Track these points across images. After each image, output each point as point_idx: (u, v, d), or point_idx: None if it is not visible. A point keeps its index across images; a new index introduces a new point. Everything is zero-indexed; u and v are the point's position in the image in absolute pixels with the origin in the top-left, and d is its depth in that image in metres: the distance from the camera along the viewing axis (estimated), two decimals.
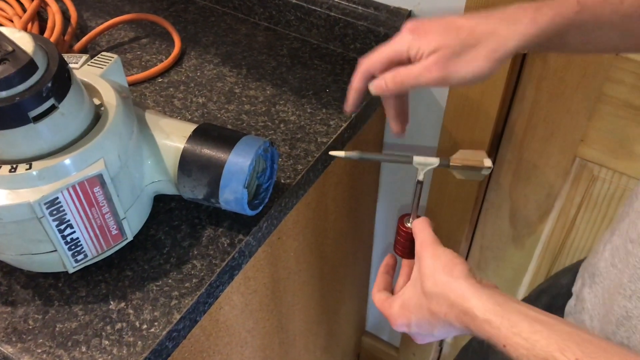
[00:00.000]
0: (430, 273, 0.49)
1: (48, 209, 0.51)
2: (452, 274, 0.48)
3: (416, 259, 0.53)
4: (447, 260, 0.49)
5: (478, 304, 0.44)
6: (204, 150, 0.58)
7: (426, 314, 0.50)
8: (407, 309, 0.52)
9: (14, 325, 0.56)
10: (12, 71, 0.47)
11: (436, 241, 0.53)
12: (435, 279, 0.48)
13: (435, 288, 0.48)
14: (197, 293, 0.58)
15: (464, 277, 0.47)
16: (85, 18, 0.94)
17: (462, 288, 0.46)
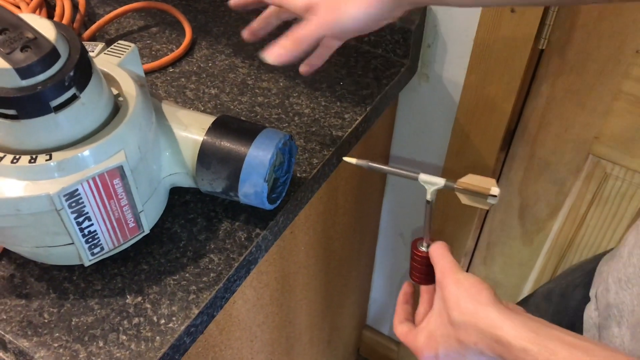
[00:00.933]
0: (455, 301, 0.47)
1: (67, 201, 0.50)
2: (479, 300, 0.45)
3: (438, 287, 0.51)
4: (471, 286, 0.47)
5: (511, 332, 0.42)
6: (224, 143, 0.57)
7: (454, 344, 0.47)
8: (434, 339, 0.49)
9: (29, 319, 0.55)
10: (35, 59, 0.46)
11: (457, 267, 0.50)
12: (461, 307, 0.46)
13: (463, 317, 0.46)
14: (215, 287, 0.57)
15: (492, 304, 0.45)
16: (93, 5, 0.92)
17: (492, 315, 0.44)
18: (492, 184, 0.51)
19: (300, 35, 0.51)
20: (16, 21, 0.48)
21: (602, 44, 0.72)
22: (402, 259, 1.21)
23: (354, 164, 0.57)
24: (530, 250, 1.00)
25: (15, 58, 0.46)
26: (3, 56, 0.46)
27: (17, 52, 0.46)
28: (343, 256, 1.01)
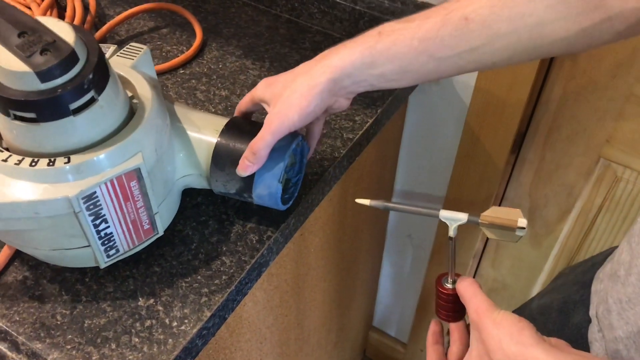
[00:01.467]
0: (496, 344, 0.45)
1: (85, 204, 0.50)
2: (522, 342, 0.44)
3: (474, 328, 0.49)
4: (511, 326, 0.45)
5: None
6: (238, 144, 0.58)
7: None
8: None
9: (42, 321, 0.55)
10: (54, 62, 0.46)
11: (492, 306, 0.48)
12: (505, 350, 0.44)
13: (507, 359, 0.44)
14: (227, 290, 0.57)
15: (536, 344, 0.43)
16: (103, 6, 0.92)
17: (539, 356, 0.42)
18: (518, 215, 0.49)
19: (256, 147, 0.56)
20: (35, 24, 0.48)
21: (613, 48, 0.72)
22: (409, 261, 1.21)
23: (368, 205, 0.55)
24: (539, 253, 1.00)
25: (35, 61, 0.46)
26: (23, 59, 0.46)
27: (36, 55, 0.46)
28: (351, 258, 1.01)
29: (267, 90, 0.58)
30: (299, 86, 0.55)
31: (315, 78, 0.54)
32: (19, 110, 0.48)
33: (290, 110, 0.55)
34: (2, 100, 0.48)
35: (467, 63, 0.52)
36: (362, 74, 0.54)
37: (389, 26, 0.53)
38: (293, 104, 0.55)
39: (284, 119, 0.55)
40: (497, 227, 0.49)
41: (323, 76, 0.54)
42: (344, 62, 0.53)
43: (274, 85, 0.58)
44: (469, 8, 0.50)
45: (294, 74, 0.56)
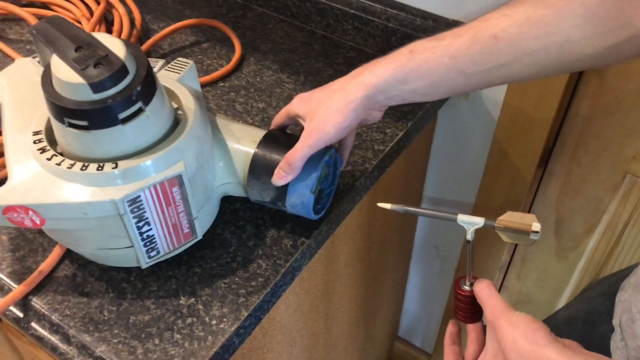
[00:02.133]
0: (511, 344, 0.47)
1: (130, 207, 0.54)
2: (536, 342, 0.45)
3: (490, 328, 0.51)
4: (526, 326, 0.47)
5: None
6: (274, 155, 0.61)
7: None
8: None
9: (90, 316, 0.59)
10: (106, 75, 0.50)
11: (507, 306, 0.50)
12: (519, 349, 0.46)
13: (521, 359, 0.46)
14: (263, 292, 0.60)
15: (549, 343, 0.45)
16: (148, 21, 0.97)
17: (551, 356, 0.44)
18: (533, 219, 0.51)
19: (292, 159, 0.59)
20: (90, 40, 0.52)
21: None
22: (436, 272, 1.22)
23: (389, 209, 0.59)
24: (565, 266, 1.01)
25: (89, 74, 0.50)
26: (78, 72, 0.50)
27: (90, 68, 0.50)
28: (379, 267, 1.03)
29: (302, 106, 0.61)
30: (335, 102, 0.58)
31: (351, 94, 0.57)
32: (72, 118, 0.52)
33: (327, 125, 0.58)
34: (58, 108, 0.52)
35: (496, 78, 0.55)
36: (395, 90, 0.57)
37: (420, 44, 0.56)
38: (330, 119, 0.58)
39: (320, 133, 0.58)
40: (512, 230, 0.51)
41: (358, 92, 0.57)
42: (377, 79, 0.56)
43: (309, 102, 0.61)
44: (498, 27, 0.52)
45: (329, 91, 0.59)
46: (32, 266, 0.63)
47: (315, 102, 0.60)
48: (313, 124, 0.59)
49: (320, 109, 0.59)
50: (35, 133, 0.56)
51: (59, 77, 0.50)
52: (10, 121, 0.59)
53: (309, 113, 0.60)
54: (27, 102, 0.61)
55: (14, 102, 0.61)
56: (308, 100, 0.61)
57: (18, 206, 0.53)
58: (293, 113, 0.63)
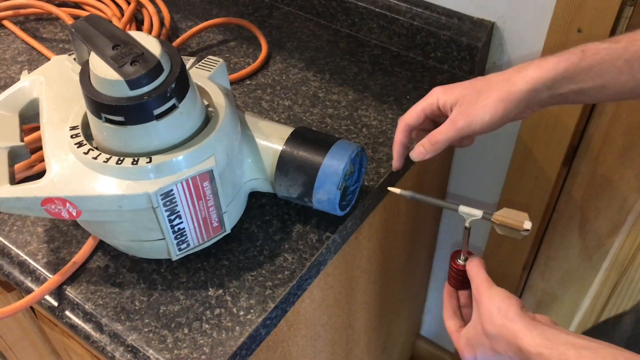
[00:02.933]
0: (488, 316, 0.54)
1: (163, 200, 0.55)
2: (507, 316, 0.53)
3: (474, 301, 0.58)
4: (501, 301, 0.54)
5: (530, 341, 0.50)
6: (301, 152, 0.62)
7: (489, 352, 0.55)
8: (472, 346, 0.58)
9: (122, 305, 0.61)
10: (142, 72, 0.52)
11: (490, 283, 0.58)
12: (493, 321, 0.54)
13: (494, 330, 0.53)
14: (289, 284, 0.62)
15: (518, 317, 0.52)
16: (176, 20, 0.99)
17: (516, 328, 0.51)
18: (525, 218, 0.57)
19: (435, 139, 0.60)
20: (127, 38, 0.54)
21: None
22: None
23: (399, 194, 0.64)
24: (590, 265, 1.01)
25: (126, 71, 0.52)
26: (115, 69, 0.52)
27: (127, 65, 0.52)
28: (401, 265, 1.04)
29: (450, 93, 0.60)
30: (498, 91, 0.57)
31: (517, 85, 0.56)
32: (109, 114, 0.54)
33: (484, 111, 0.57)
34: (95, 104, 0.54)
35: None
36: (561, 88, 0.56)
37: (592, 46, 0.55)
38: (488, 105, 0.57)
39: (474, 117, 0.57)
40: (505, 226, 0.58)
41: (525, 85, 0.56)
42: (547, 73, 0.55)
43: (457, 90, 0.60)
44: None
45: (487, 80, 0.58)
46: (66, 257, 0.65)
47: (470, 89, 0.58)
48: (466, 108, 0.58)
49: (479, 96, 0.57)
50: (72, 128, 0.59)
51: (96, 74, 0.52)
52: (48, 116, 0.61)
53: (462, 98, 0.59)
54: (64, 97, 0.63)
55: (52, 98, 0.63)
56: (454, 89, 0.60)
57: (56, 198, 0.55)
58: (441, 103, 0.61)
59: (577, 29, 0.75)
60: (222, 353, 0.56)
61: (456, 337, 0.62)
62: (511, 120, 0.59)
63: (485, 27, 0.83)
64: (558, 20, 0.76)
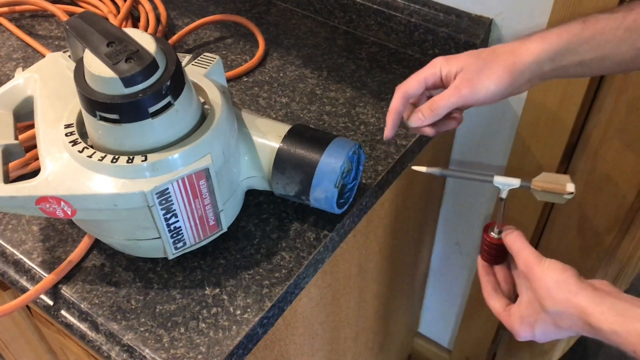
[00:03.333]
0: (546, 292, 0.51)
1: (158, 199, 0.55)
2: (569, 289, 0.50)
3: (524, 277, 0.55)
4: (558, 274, 0.51)
5: (602, 317, 0.48)
6: (298, 150, 0.62)
7: (551, 327, 0.53)
8: (529, 324, 0.54)
9: (118, 304, 0.60)
10: (137, 70, 0.51)
11: (539, 257, 0.54)
12: (554, 297, 0.51)
13: (556, 306, 0.51)
14: (286, 283, 0.61)
15: (581, 289, 0.49)
16: (173, 17, 0.98)
17: (583, 303, 0.49)
18: (567, 180, 0.55)
19: (436, 105, 0.58)
20: (121, 35, 0.53)
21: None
22: (457, 268, 1.22)
23: (425, 172, 0.61)
24: (588, 263, 1.01)
25: (121, 68, 0.51)
26: (110, 66, 0.51)
27: (122, 63, 0.52)
28: (399, 262, 1.04)
29: (452, 62, 0.59)
30: (504, 61, 0.56)
31: (522, 56, 0.56)
32: (104, 112, 0.53)
33: (489, 79, 0.56)
34: (90, 102, 0.53)
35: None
36: (564, 60, 0.56)
37: (592, 17, 0.55)
38: (495, 74, 0.56)
39: (478, 86, 0.56)
40: (547, 191, 0.55)
41: (530, 57, 0.56)
42: (550, 45, 0.55)
43: (460, 60, 0.58)
44: None
45: (493, 51, 0.58)
46: (61, 256, 0.64)
47: (476, 58, 0.58)
48: (471, 75, 0.57)
49: (485, 65, 0.57)
50: (67, 126, 0.58)
51: (91, 71, 0.52)
52: (43, 114, 0.61)
53: (467, 67, 0.57)
54: (59, 95, 0.62)
55: (46, 96, 0.63)
56: (458, 58, 0.59)
57: (50, 197, 0.54)
58: (437, 73, 0.59)
59: None
60: (219, 352, 0.56)
61: (505, 317, 0.58)
62: (513, 92, 0.58)
63: (484, 24, 0.82)
64: (556, 17, 0.75)
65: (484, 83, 0.56)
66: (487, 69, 0.57)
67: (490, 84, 0.56)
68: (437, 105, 0.58)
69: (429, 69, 0.60)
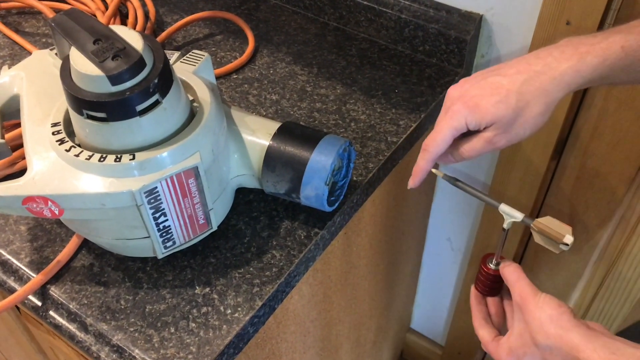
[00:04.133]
0: (539, 326, 0.51)
1: (147, 198, 0.54)
2: (562, 325, 0.50)
3: (518, 309, 0.55)
4: (552, 310, 0.51)
5: (593, 354, 0.47)
6: (288, 147, 0.61)
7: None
8: (517, 356, 0.54)
9: (107, 305, 0.60)
10: (124, 67, 0.51)
11: (535, 290, 0.54)
12: (546, 332, 0.50)
13: (548, 341, 0.50)
14: (277, 282, 0.61)
15: (574, 327, 0.49)
16: (161, 14, 0.98)
17: (575, 340, 0.49)
18: (568, 231, 0.54)
19: (468, 154, 0.58)
20: (108, 32, 0.53)
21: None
22: (448, 264, 1.23)
23: (442, 177, 0.62)
24: (578, 259, 1.01)
25: (107, 66, 0.51)
26: (97, 64, 0.51)
27: (108, 60, 0.51)
28: (391, 259, 1.04)
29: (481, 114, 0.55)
30: (537, 106, 0.54)
31: (553, 94, 0.54)
32: (91, 110, 0.52)
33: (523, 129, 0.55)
34: (76, 100, 0.52)
35: None
36: (595, 83, 0.54)
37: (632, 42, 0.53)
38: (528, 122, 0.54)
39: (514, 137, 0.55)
40: (545, 235, 0.54)
41: (561, 92, 0.54)
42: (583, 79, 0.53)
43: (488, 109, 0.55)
44: None
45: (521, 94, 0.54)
46: (50, 256, 0.64)
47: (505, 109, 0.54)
48: (505, 129, 0.55)
49: (517, 115, 0.54)
50: (54, 124, 0.57)
51: (77, 69, 0.51)
52: (29, 113, 0.60)
53: (499, 121, 0.55)
54: (45, 93, 0.62)
55: (33, 94, 0.62)
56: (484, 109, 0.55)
57: (37, 196, 0.54)
58: (463, 127, 0.56)
59: (566, 21, 0.75)
60: (210, 352, 0.56)
61: (493, 347, 0.59)
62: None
63: (474, 20, 0.82)
64: (547, 13, 0.75)
65: (519, 133, 0.55)
66: (520, 119, 0.54)
67: (525, 132, 0.55)
68: (468, 154, 0.57)
69: (451, 124, 0.57)
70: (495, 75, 0.56)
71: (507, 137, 0.55)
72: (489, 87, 0.56)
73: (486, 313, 0.63)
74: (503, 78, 0.55)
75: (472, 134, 0.58)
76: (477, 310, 0.63)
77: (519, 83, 0.54)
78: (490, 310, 0.63)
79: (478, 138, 0.57)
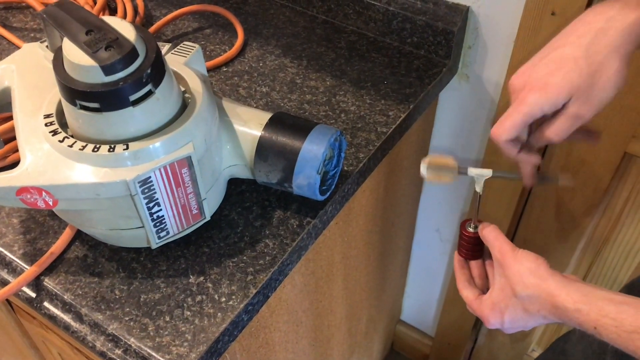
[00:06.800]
0: (518, 278, 0.55)
1: (141, 187, 0.55)
2: (539, 275, 0.53)
3: (498, 265, 0.59)
4: (530, 262, 0.55)
5: (567, 297, 0.51)
6: (280, 137, 0.62)
7: (520, 313, 0.56)
8: (499, 310, 0.58)
9: (102, 295, 0.60)
10: (117, 58, 0.51)
11: (512, 246, 0.58)
12: (525, 282, 0.54)
13: (527, 291, 0.54)
14: (270, 270, 0.61)
15: (550, 276, 0.53)
16: (150, 8, 0.98)
17: (551, 287, 0.52)
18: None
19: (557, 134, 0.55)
20: (101, 23, 0.53)
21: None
22: (437, 255, 1.24)
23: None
24: (566, 247, 1.03)
25: (100, 56, 0.51)
26: (89, 55, 0.51)
27: (101, 51, 0.51)
28: (381, 250, 1.05)
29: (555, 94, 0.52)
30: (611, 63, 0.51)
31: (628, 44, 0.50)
32: (84, 101, 0.53)
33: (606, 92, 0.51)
34: (70, 91, 0.53)
35: None
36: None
37: None
38: (610, 82, 0.51)
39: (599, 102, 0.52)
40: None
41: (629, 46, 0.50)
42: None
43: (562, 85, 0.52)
44: None
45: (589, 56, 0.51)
46: (43, 248, 0.64)
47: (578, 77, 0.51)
48: (586, 98, 0.52)
49: (594, 79, 0.51)
50: (47, 116, 0.58)
51: (70, 60, 0.52)
52: (21, 105, 0.60)
53: (576, 92, 0.51)
54: (37, 85, 0.62)
55: (24, 86, 0.62)
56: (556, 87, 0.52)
57: (31, 187, 0.54)
58: (537, 113, 0.53)
59: (551, 12, 0.76)
60: (205, 339, 0.56)
61: (477, 305, 0.62)
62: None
63: (461, 12, 0.83)
64: (532, 4, 0.76)
65: (602, 97, 0.51)
66: (599, 81, 0.51)
67: (608, 93, 0.51)
68: (557, 137, 0.55)
69: (527, 109, 0.54)
70: (555, 48, 0.53)
71: (591, 106, 0.52)
72: (552, 62, 0.53)
73: (469, 276, 0.67)
74: (565, 48, 0.52)
75: (552, 117, 0.55)
76: (461, 274, 0.67)
77: (584, 46, 0.51)
78: (473, 273, 0.67)
79: (562, 117, 0.53)
